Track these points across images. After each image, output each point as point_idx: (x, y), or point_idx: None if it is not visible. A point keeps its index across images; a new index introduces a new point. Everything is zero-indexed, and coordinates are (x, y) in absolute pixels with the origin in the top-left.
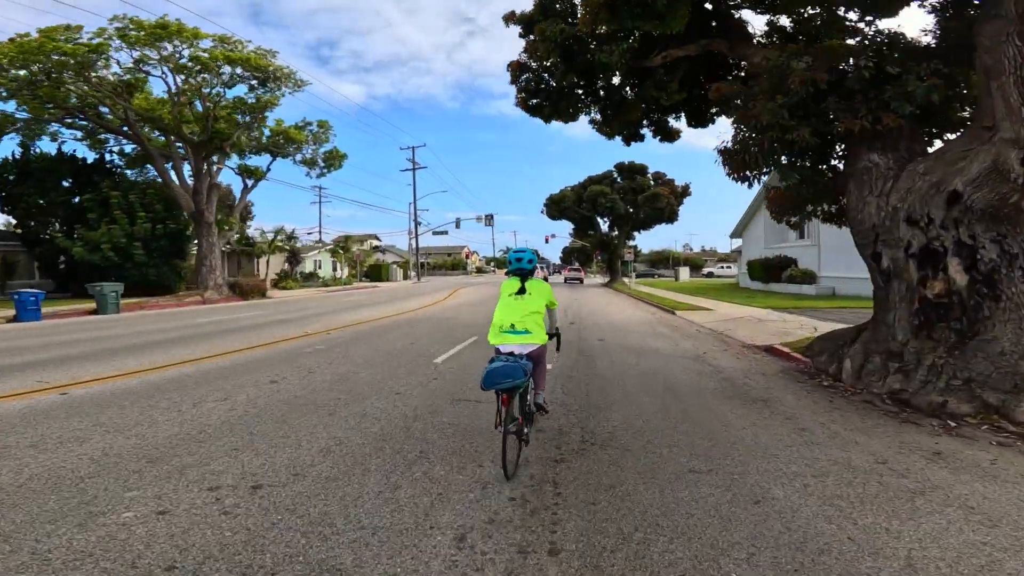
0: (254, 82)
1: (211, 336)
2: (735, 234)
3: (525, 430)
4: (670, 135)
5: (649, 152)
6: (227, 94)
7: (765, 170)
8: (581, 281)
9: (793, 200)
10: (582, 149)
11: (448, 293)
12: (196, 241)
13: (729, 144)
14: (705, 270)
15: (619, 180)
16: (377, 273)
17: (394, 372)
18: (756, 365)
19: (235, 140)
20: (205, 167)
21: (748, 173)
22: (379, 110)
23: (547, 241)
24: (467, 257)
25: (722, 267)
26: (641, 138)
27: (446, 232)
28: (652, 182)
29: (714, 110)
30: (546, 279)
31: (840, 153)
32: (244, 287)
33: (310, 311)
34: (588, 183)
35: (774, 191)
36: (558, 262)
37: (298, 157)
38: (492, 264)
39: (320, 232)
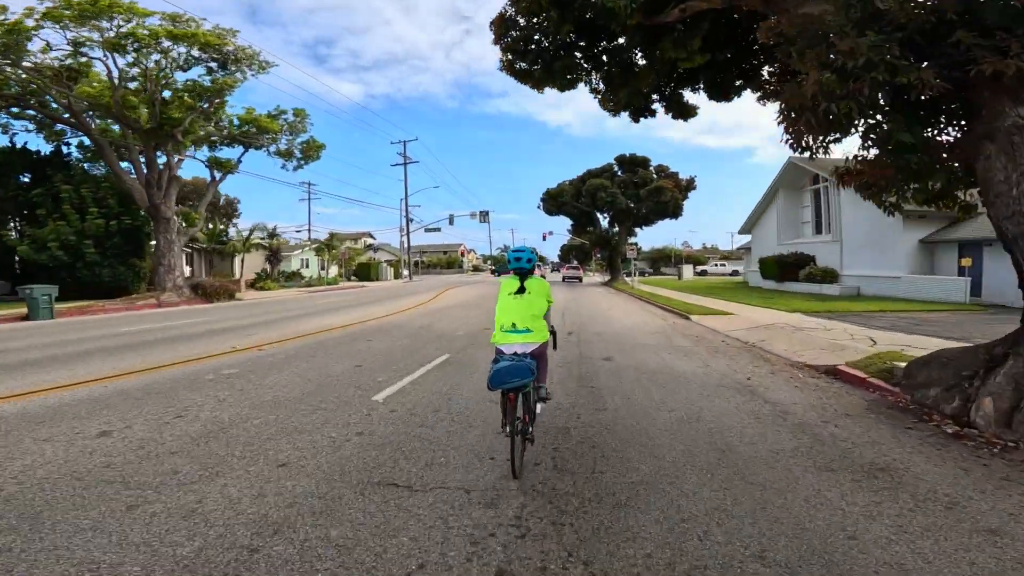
0: (213, 64)
1: (110, 352)
2: (744, 230)
3: (530, 429)
4: (685, 111)
5: (650, 150)
6: (182, 77)
7: (834, 137)
8: (580, 280)
9: (894, 173)
10: (581, 148)
11: (435, 294)
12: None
13: (789, 107)
14: (698, 268)
15: (620, 173)
16: (366, 272)
17: (304, 419)
18: (828, 398)
19: (188, 127)
20: (165, 159)
21: (817, 139)
22: (377, 108)
23: (544, 238)
24: (463, 255)
25: (716, 265)
26: (652, 113)
27: (439, 229)
28: (655, 175)
29: (739, 83)
30: (543, 277)
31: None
32: (209, 288)
33: (272, 316)
34: (587, 176)
35: (861, 162)
36: (556, 259)
37: (273, 148)
38: (489, 262)
39: (309, 230)
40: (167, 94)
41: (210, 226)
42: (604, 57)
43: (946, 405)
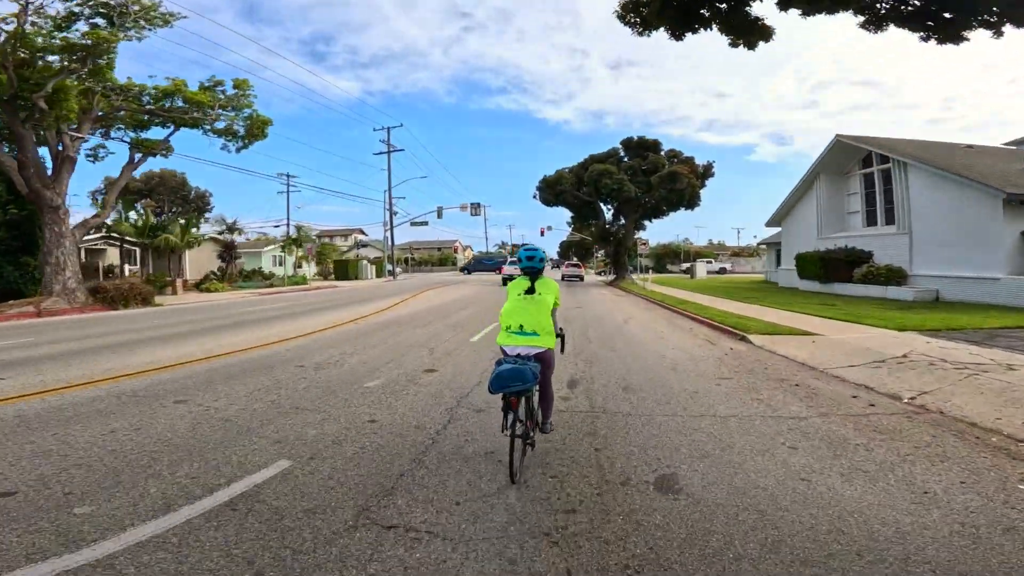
0: (99, 20)
1: None
2: (773, 222)
3: (531, 434)
4: (751, 33)
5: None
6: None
7: None
8: (581, 279)
9: None
10: (580, 142)
11: (404, 298)
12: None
13: None
14: (683, 266)
15: (626, 159)
16: (344, 270)
17: None
18: None
19: (57, 95)
20: (59, 139)
21: None
22: (375, 105)
23: (543, 234)
24: (456, 252)
25: (706, 262)
26: (695, 28)
27: (426, 223)
28: (667, 161)
29: None
30: (542, 272)
31: None
32: (114, 292)
33: (150, 333)
34: (589, 163)
35: None
36: (555, 256)
37: (215, 125)
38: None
39: (288, 225)
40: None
41: (134, 218)
42: None
43: None
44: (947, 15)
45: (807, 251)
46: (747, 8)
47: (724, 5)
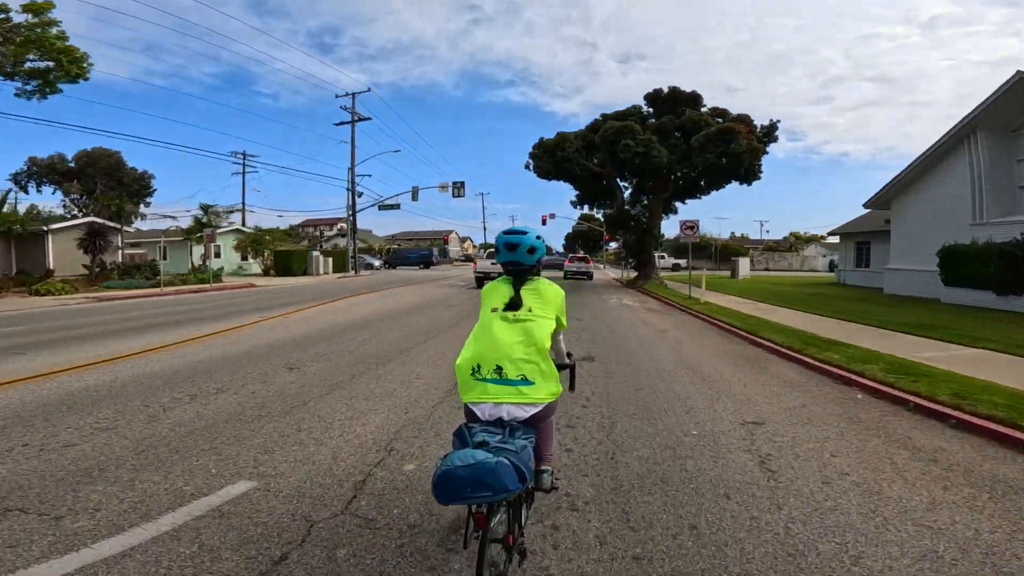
0: None
1: None
2: (875, 203)
3: (522, 540)
4: None
5: None
6: None
7: None
8: (589, 276)
9: None
10: None
11: (312, 305)
12: None
13: None
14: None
15: (652, 118)
16: (287, 263)
17: None
18: None
19: None
20: None
21: None
22: (384, 97)
23: (544, 222)
24: (446, 242)
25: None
26: None
27: (398, 206)
28: (711, 119)
29: None
30: (538, 273)
31: None
32: None
33: None
34: (601, 122)
35: None
36: (559, 251)
37: None
38: (483, 251)
39: (244, 211)
40: None
41: None
42: None
43: None
44: None
45: (961, 243)
46: None
47: None
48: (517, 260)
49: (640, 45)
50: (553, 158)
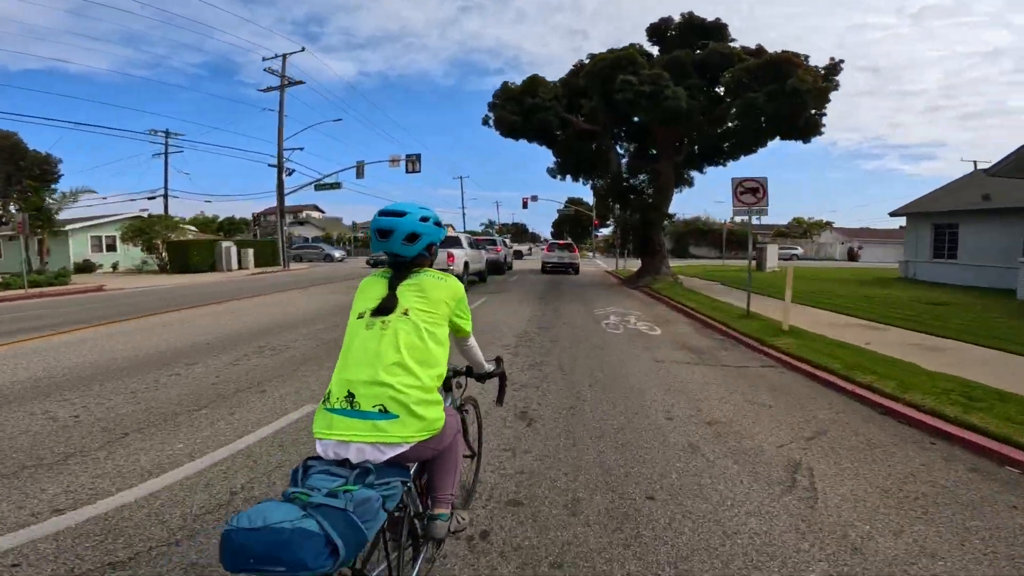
0: None
1: None
2: (1005, 170)
3: None
4: None
5: None
6: None
7: None
8: (575, 269)
9: None
10: None
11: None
12: None
13: None
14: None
15: (658, 52)
16: (185, 257)
17: None
18: None
19: None
20: None
21: None
22: (371, 87)
23: (525, 205)
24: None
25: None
26: None
27: (338, 185)
28: (744, 55)
29: None
30: (504, 266)
31: None
32: None
33: None
34: (590, 65)
35: None
36: (548, 238)
37: None
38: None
39: (166, 197)
40: None
41: None
42: None
43: None
44: None
45: None
46: None
47: None
48: (392, 251)
49: (632, 34)
50: (521, 106)
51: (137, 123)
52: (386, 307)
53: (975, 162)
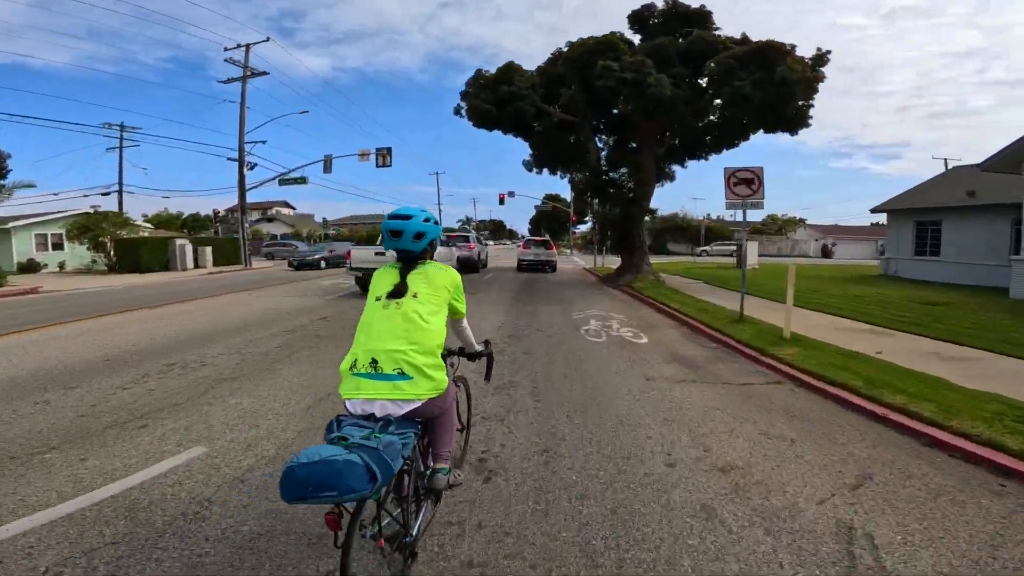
0: None
1: None
2: (1000, 165)
3: (408, 536)
4: None
5: None
6: None
7: None
8: (552, 268)
9: None
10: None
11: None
12: None
13: None
14: (700, 248)
15: (640, 40)
16: (135, 255)
17: None
18: None
19: None
20: None
21: None
22: (347, 82)
23: (502, 201)
24: None
25: (720, 243)
26: None
27: (304, 179)
28: (729, 44)
29: None
30: (478, 264)
31: None
32: None
33: None
34: (569, 52)
35: None
36: (526, 234)
37: None
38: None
39: (120, 193)
40: None
41: None
42: None
43: None
44: None
45: None
46: None
47: None
48: (404, 248)
49: (614, 29)
50: (495, 95)
51: (99, 119)
52: (399, 291)
53: (945, 160)
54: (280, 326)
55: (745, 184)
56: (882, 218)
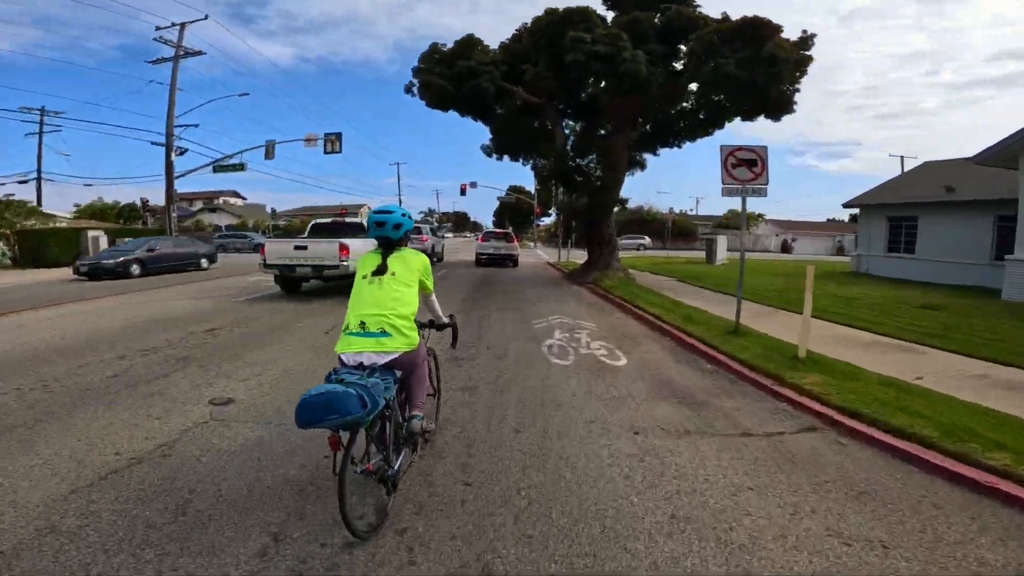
0: None
1: None
2: (994, 159)
3: (389, 470)
4: None
5: None
6: None
7: None
8: (514, 262)
9: None
10: None
11: None
12: None
13: None
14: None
15: (615, 15)
16: (36, 248)
17: None
18: None
19: None
20: None
21: None
22: (310, 72)
23: (463, 192)
24: (343, 215)
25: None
26: None
27: (242, 166)
28: (712, 22)
29: None
30: (433, 258)
31: None
32: None
33: None
34: (535, 27)
35: None
36: (491, 227)
37: None
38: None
39: (39, 180)
40: None
41: None
42: None
43: None
44: None
45: None
46: None
47: None
48: (385, 235)
49: None
50: (452, 70)
51: (20, 103)
52: (381, 270)
53: (902, 157)
54: (138, 344)
55: (746, 166)
56: (840, 213)
